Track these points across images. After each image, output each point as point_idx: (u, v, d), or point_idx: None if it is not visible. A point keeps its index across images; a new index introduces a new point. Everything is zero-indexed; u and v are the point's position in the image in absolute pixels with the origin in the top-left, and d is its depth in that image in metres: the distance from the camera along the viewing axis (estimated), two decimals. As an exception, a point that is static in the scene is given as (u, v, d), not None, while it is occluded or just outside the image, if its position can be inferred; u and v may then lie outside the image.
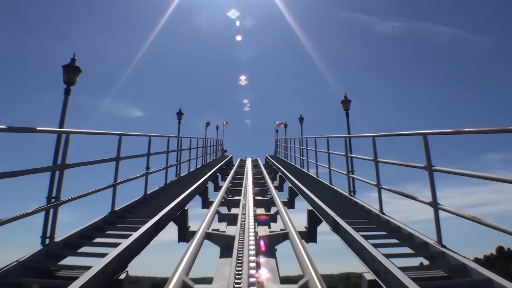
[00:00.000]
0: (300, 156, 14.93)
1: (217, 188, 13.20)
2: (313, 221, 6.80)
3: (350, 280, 51.01)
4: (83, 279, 3.13)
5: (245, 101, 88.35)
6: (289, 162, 17.74)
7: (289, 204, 10.47)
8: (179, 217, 6.86)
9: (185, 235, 6.93)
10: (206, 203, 10.22)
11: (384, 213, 5.67)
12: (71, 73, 6.31)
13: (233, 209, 8.05)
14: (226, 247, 4.73)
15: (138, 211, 6.33)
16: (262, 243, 4.85)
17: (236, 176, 13.83)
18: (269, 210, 8.23)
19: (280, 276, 4.04)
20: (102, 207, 5.85)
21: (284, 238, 5.13)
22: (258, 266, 3.77)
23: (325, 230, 6.53)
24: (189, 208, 7.65)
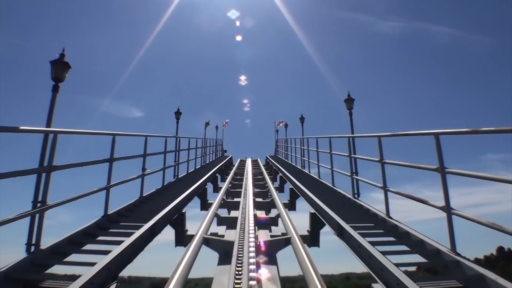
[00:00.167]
0: (301, 157, 14.67)
1: (217, 189, 12.98)
2: (316, 225, 6.57)
3: (350, 281, 50.81)
4: (67, 292, 2.86)
5: (245, 101, 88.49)
6: (289, 162, 17.49)
7: (290, 206, 10.25)
8: (176, 221, 6.63)
9: (182, 239, 6.72)
10: (205, 205, 9.98)
11: (391, 217, 5.39)
12: (59, 69, 5.92)
13: (232, 212, 7.80)
14: (225, 253, 4.49)
15: (133, 214, 6.07)
16: (262, 248, 4.60)
17: (236, 177, 13.59)
18: (270, 212, 7.99)
19: (280, 276, 3.89)
20: (104, 207, 5.60)
21: (286, 243, 4.90)
22: (258, 274, 3.54)
23: (325, 229, 6.38)
24: (188, 208, 7.46)
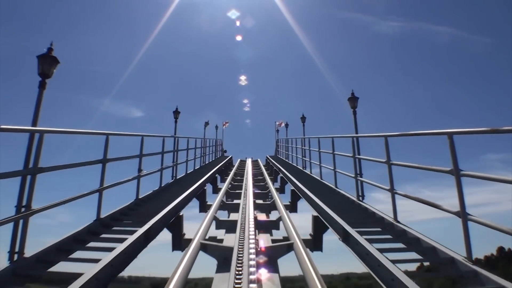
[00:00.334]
0: (302, 157, 14.39)
1: (216, 190, 12.71)
2: (319, 228, 6.29)
3: (350, 281, 50.54)
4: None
5: (245, 101, 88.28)
6: (290, 162, 17.21)
7: (292, 208, 9.98)
8: (173, 224, 6.34)
9: (180, 243, 6.43)
10: (204, 207, 9.70)
11: (399, 221, 5.11)
12: (47, 64, 5.57)
13: (232, 214, 7.53)
14: (224, 259, 4.21)
15: (127, 218, 5.79)
16: (263, 255, 4.33)
17: (236, 178, 13.32)
18: (270, 214, 7.73)
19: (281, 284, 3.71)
20: (106, 207, 5.48)
21: (288, 249, 4.60)
22: (259, 283, 3.28)
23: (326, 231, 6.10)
24: (187, 208, 7.20)
